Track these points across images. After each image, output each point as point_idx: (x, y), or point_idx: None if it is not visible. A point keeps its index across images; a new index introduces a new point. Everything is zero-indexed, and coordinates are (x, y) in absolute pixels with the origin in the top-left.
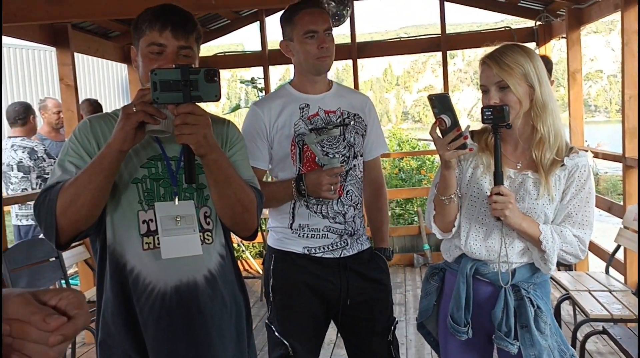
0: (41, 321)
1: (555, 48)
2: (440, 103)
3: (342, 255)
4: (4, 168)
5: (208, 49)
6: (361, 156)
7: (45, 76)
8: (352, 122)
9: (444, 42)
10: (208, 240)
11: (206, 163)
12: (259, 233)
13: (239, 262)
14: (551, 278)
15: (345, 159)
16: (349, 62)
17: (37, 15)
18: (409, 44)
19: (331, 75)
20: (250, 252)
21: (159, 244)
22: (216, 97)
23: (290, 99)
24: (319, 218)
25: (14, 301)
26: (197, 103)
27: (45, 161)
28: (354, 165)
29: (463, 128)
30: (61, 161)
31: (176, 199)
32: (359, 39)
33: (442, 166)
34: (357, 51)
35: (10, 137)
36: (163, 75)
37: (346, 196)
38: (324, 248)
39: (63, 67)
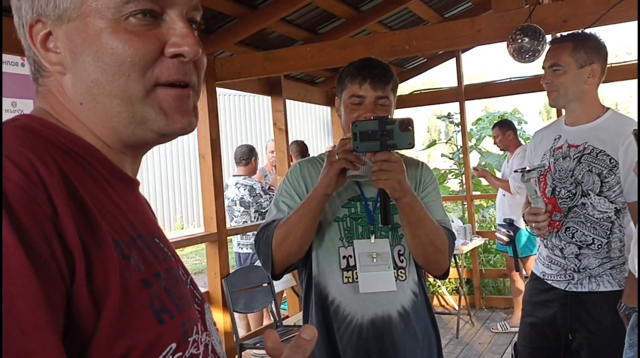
0: None
1: None
2: None
3: (567, 288)
4: (228, 202)
5: (406, 87)
6: (597, 194)
7: (259, 120)
8: (585, 159)
9: None
10: (402, 277)
11: (400, 206)
12: (456, 270)
13: (435, 298)
14: None
15: (571, 195)
16: None
17: (257, 71)
18: (621, 69)
19: (540, 106)
20: (447, 288)
21: (357, 278)
22: (410, 145)
23: (554, 130)
24: (543, 246)
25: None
26: (392, 151)
27: (262, 197)
28: (582, 203)
29: None
30: (276, 201)
31: (372, 237)
32: None
33: None
34: None
35: (234, 175)
36: (362, 126)
37: (565, 232)
38: (552, 276)
39: (276, 113)
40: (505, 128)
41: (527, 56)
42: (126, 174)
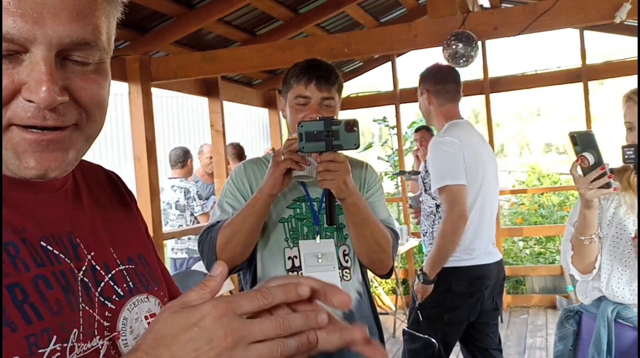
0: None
1: None
2: (583, 141)
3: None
4: (164, 205)
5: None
6: (425, 192)
7: (195, 122)
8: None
9: (585, 73)
10: (346, 277)
11: (346, 206)
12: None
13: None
14: None
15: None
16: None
17: (194, 72)
18: (546, 76)
19: (469, 110)
20: (384, 288)
21: None
22: (355, 146)
23: None
24: None
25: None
26: (338, 151)
27: (195, 201)
28: (422, 200)
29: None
30: (220, 202)
31: (318, 238)
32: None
33: (582, 205)
34: (489, 86)
35: (170, 178)
36: (308, 127)
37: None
38: None
39: (213, 114)
40: (431, 132)
41: (461, 61)
42: (23, 181)
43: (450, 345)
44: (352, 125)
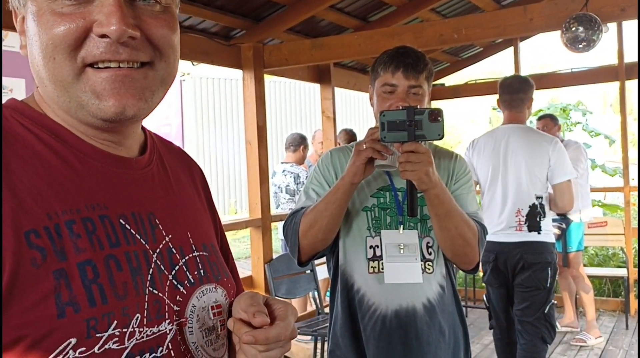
0: (251, 314)
1: None
2: None
3: None
4: (275, 189)
5: (462, 76)
6: None
7: (309, 107)
8: None
9: None
10: (429, 269)
11: (428, 197)
12: None
13: (472, 290)
14: None
15: None
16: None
17: (304, 59)
18: None
19: (601, 97)
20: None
21: (383, 269)
22: (439, 136)
23: None
24: None
25: (245, 295)
26: (421, 142)
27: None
28: None
29: None
30: (306, 188)
31: (401, 228)
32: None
33: None
34: (625, 72)
35: (282, 162)
36: (390, 116)
37: None
38: None
39: (325, 101)
40: (556, 121)
41: (580, 45)
42: (109, 154)
43: (494, 305)
44: (436, 115)
